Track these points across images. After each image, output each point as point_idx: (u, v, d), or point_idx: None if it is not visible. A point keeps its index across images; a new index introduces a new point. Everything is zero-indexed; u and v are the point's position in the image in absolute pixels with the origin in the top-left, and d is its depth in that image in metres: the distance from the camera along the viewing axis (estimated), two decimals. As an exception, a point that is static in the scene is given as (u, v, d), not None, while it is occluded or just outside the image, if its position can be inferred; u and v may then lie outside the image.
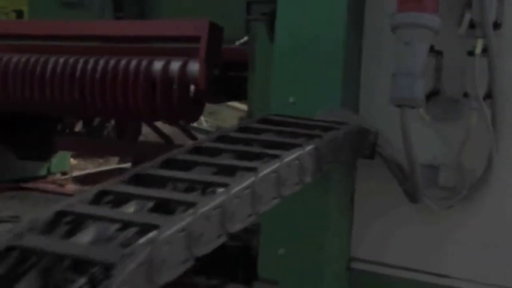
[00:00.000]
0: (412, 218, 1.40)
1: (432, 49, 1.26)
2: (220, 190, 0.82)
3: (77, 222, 0.81)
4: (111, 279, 0.67)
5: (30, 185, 2.96)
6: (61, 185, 3.08)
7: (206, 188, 0.84)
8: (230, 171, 0.90)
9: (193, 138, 2.36)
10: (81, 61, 1.92)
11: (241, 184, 0.84)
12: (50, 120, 2.98)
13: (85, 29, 2.02)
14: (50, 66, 1.96)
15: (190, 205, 0.78)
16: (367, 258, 1.47)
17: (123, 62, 1.85)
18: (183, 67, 1.78)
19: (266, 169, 0.90)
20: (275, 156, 0.94)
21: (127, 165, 3.42)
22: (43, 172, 3.42)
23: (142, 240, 0.71)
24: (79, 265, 0.73)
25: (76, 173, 3.86)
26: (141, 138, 2.85)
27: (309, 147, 1.01)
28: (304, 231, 1.40)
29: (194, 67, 1.77)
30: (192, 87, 1.81)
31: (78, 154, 5.16)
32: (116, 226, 0.77)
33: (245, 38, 2.18)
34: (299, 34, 1.40)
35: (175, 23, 1.86)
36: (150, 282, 0.72)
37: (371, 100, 1.41)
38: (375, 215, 1.45)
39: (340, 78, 1.37)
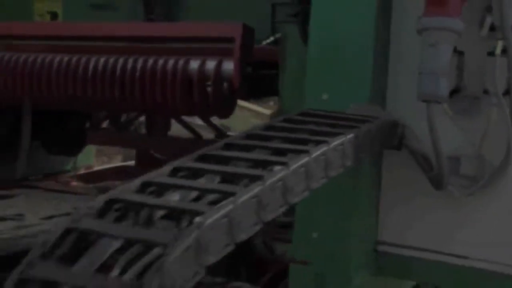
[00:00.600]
0: (434, 204, 1.53)
1: (454, 49, 1.39)
2: (279, 167, 0.95)
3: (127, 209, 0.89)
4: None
5: (34, 183, 2.98)
6: (66, 183, 3.09)
7: (266, 166, 0.97)
8: (283, 152, 1.04)
9: (221, 133, 2.49)
10: (121, 60, 2.05)
11: (298, 162, 0.98)
12: (79, 116, 3.11)
13: (122, 31, 2.16)
14: (91, 65, 2.09)
15: (258, 177, 0.91)
16: (392, 241, 1.60)
17: (160, 61, 1.99)
18: (218, 66, 1.91)
19: (317, 151, 1.03)
20: (323, 141, 1.07)
21: (131, 163, 3.51)
22: (69, 166, 3.57)
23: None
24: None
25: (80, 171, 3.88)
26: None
27: (350, 135, 1.15)
28: (335, 216, 1.53)
29: (228, 66, 1.91)
30: (225, 85, 1.95)
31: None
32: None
33: (271, 38, 2.32)
34: (332, 35, 1.53)
35: (209, 25, 1.99)
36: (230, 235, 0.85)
37: (397, 97, 1.54)
38: (399, 201, 1.58)
39: (369, 77, 1.50)
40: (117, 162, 4.25)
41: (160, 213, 0.86)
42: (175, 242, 0.76)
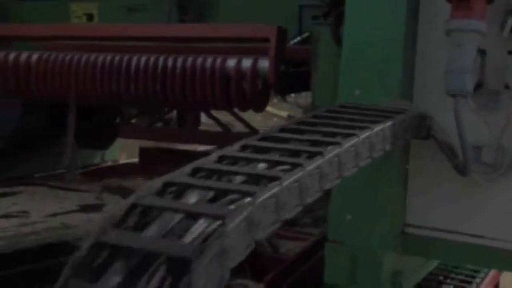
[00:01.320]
0: (457, 189, 1.68)
1: (477, 48, 1.54)
2: (334, 146, 1.11)
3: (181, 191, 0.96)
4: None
5: (39, 180, 3.08)
6: (70, 181, 3.12)
7: (322, 145, 1.11)
8: (333, 135, 1.19)
9: (250, 127, 2.65)
10: (161, 59, 2.22)
11: (349, 142, 1.14)
12: (109, 111, 3.27)
13: (162, 32, 2.32)
14: (134, 63, 2.26)
15: (297, 165, 1.04)
16: (418, 224, 1.76)
17: (199, 60, 2.15)
18: (254, 64, 2.07)
19: (363, 134, 1.19)
20: (367, 127, 1.23)
21: (135, 160, 3.64)
22: (97, 160, 3.73)
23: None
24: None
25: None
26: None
27: (389, 123, 1.31)
28: (368, 200, 1.69)
29: (263, 64, 2.06)
30: (260, 81, 2.11)
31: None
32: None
33: (298, 38, 2.47)
34: (364, 37, 1.69)
35: (246, 26, 2.15)
36: (276, 213, 0.95)
37: (423, 91, 1.69)
38: (425, 187, 1.73)
39: (398, 74, 1.65)
40: (121, 160, 4.36)
41: (211, 194, 0.94)
42: (232, 215, 0.85)
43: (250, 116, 2.97)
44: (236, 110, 2.30)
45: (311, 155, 1.06)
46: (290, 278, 1.90)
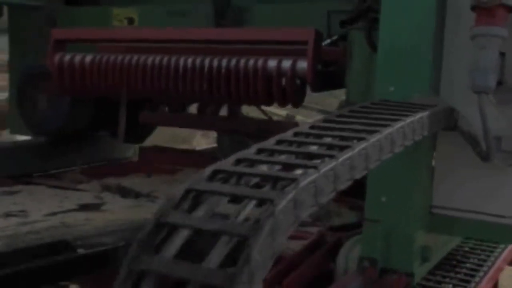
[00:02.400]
0: (479, 173, 1.92)
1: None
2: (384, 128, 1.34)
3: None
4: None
5: (38, 179, 3.10)
6: (69, 179, 3.17)
7: (369, 132, 1.32)
8: (381, 122, 1.42)
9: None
10: (207, 60, 2.45)
11: (397, 125, 1.37)
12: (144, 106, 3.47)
13: (208, 35, 2.56)
14: (181, 63, 2.49)
15: (344, 147, 1.20)
16: (443, 205, 2.00)
17: (243, 61, 2.39)
18: (294, 64, 2.31)
19: (408, 120, 1.43)
20: (409, 115, 1.47)
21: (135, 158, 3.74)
22: (129, 154, 3.96)
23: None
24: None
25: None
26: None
27: (426, 112, 1.54)
28: (401, 184, 1.92)
29: (302, 64, 2.30)
30: (298, 80, 2.35)
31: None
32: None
33: (328, 41, 2.70)
34: (397, 39, 1.91)
35: (286, 30, 2.38)
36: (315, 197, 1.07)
37: (449, 88, 1.93)
38: (450, 172, 1.97)
39: (428, 72, 1.89)
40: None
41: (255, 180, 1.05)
42: (280, 198, 0.95)
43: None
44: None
45: (358, 139, 1.27)
46: (290, 277, 1.94)
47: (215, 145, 3.71)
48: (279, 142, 1.25)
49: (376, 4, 2.11)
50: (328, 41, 2.67)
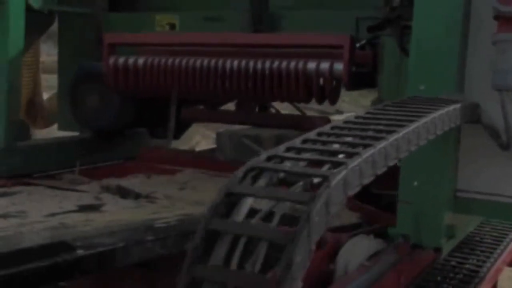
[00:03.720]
0: (498, 161, 2.20)
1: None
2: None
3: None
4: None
5: (38, 180, 3.08)
6: (69, 180, 3.17)
7: (410, 121, 1.59)
8: (419, 114, 1.69)
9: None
10: (252, 62, 2.74)
11: (431, 116, 1.65)
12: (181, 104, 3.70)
13: (251, 39, 2.85)
14: (228, 66, 2.78)
15: (391, 131, 1.46)
16: (466, 189, 2.28)
17: (284, 63, 2.68)
18: (331, 66, 2.60)
19: (442, 111, 1.71)
20: (442, 107, 1.75)
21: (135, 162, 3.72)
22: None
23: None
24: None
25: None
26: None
27: (457, 106, 1.83)
28: (430, 170, 2.21)
29: (338, 66, 2.59)
30: (335, 80, 2.64)
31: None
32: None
33: (357, 45, 2.99)
34: (428, 43, 2.19)
35: (323, 35, 2.67)
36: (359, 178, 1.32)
37: (473, 87, 2.21)
38: (473, 159, 2.25)
39: (454, 72, 2.17)
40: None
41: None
42: (334, 175, 1.13)
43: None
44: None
45: (390, 133, 1.53)
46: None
47: (214, 146, 3.69)
48: (320, 134, 1.44)
49: (406, 13, 2.40)
50: (358, 45, 2.96)
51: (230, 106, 3.78)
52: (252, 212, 1.15)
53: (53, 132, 4.35)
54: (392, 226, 2.25)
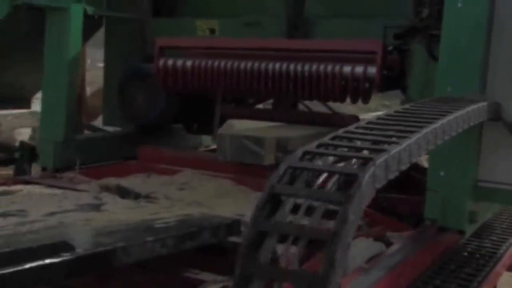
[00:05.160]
0: (514, 154, 2.51)
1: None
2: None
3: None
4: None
5: (37, 179, 3.12)
6: (68, 179, 3.20)
7: (446, 114, 1.89)
8: (450, 110, 2.00)
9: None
10: (292, 65, 3.05)
11: (464, 111, 1.95)
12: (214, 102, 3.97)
13: (290, 44, 3.16)
14: (270, 68, 3.09)
15: (429, 121, 1.82)
16: (487, 179, 2.58)
17: (322, 66, 2.99)
18: (365, 69, 2.91)
19: (472, 107, 2.02)
20: (473, 104, 2.06)
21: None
22: (197, 144, 4.52)
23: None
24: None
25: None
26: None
27: (484, 103, 2.14)
28: (455, 161, 2.51)
29: (372, 70, 2.90)
30: (368, 82, 2.94)
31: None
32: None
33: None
34: (455, 51, 2.50)
35: (357, 41, 2.98)
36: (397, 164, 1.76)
37: (495, 89, 2.51)
38: (492, 153, 2.56)
39: (478, 75, 2.47)
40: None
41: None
42: (377, 157, 1.33)
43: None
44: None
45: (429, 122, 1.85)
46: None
47: (214, 146, 3.73)
48: (358, 127, 1.63)
49: (433, 24, 2.72)
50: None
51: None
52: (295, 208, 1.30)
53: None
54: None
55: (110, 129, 4.08)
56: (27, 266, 1.56)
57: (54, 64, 3.34)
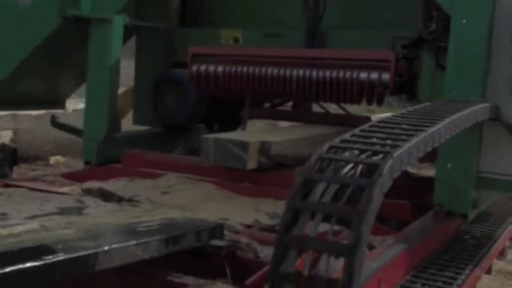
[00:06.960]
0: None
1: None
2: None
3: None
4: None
5: (18, 182, 3.08)
6: (50, 183, 3.19)
7: (451, 114, 2.30)
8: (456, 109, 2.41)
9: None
10: (314, 71, 3.46)
11: (469, 110, 2.37)
12: (236, 104, 4.35)
13: (311, 53, 3.57)
14: (295, 74, 3.49)
15: (438, 119, 2.25)
16: (488, 170, 3.00)
17: (341, 73, 3.40)
18: (380, 75, 3.33)
19: (475, 107, 2.44)
20: (478, 102, 2.47)
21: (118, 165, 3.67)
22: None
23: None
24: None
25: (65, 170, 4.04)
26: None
27: (486, 104, 2.55)
28: (461, 155, 2.93)
29: (385, 76, 3.31)
30: (381, 87, 3.36)
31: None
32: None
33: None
34: (460, 60, 2.91)
35: (372, 51, 3.39)
36: (409, 158, 2.12)
37: (494, 93, 2.93)
38: (492, 149, 2.98)
39: (480, 81, 2.90)
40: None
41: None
42: (395, 151, 1.61)
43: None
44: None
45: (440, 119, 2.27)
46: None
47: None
48: (372, 126, 1.96)
49: (440, 36, 3.14)
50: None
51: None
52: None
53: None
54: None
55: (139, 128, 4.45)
56: (7, 269, 1.52)
57: (97, 70, 3.71)
